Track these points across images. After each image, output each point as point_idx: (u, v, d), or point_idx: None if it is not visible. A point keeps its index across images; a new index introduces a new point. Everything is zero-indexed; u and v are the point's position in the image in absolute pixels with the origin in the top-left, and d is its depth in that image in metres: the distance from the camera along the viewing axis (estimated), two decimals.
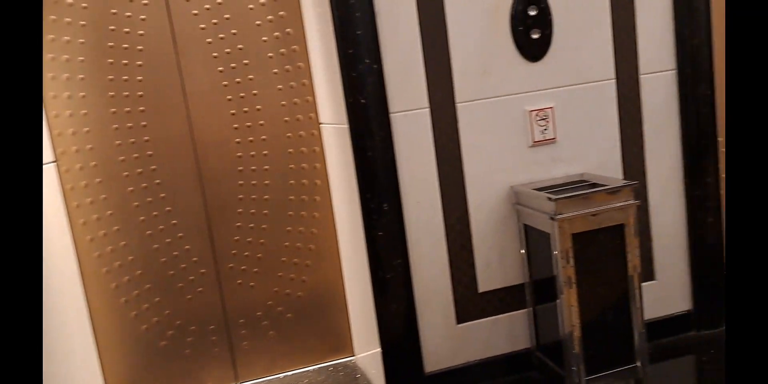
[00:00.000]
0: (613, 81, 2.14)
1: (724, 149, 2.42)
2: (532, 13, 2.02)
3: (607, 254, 1.94)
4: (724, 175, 2.52)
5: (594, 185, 2.03)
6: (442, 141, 2.05)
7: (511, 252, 2.14)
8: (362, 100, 1.94)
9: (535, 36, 2.04)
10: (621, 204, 1.90)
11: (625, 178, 2.19)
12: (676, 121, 2.22)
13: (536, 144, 2.10)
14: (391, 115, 1.98)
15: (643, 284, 2.17)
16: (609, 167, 2.18)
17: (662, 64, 2.17)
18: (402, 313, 2.06)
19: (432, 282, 2.10)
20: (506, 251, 2.14)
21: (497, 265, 2.14)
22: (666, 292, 2.32)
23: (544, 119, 2.10)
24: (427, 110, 2.02)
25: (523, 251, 2.13)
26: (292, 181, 2.38)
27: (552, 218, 1.87)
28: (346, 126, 1.97)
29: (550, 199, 1.86)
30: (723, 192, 2.29)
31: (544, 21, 2.04)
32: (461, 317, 2.16)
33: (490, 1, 2.00)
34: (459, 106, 2.04)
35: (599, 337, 1.96)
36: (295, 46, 2.26)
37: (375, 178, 1.99)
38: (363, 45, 1.91)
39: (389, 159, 1.99)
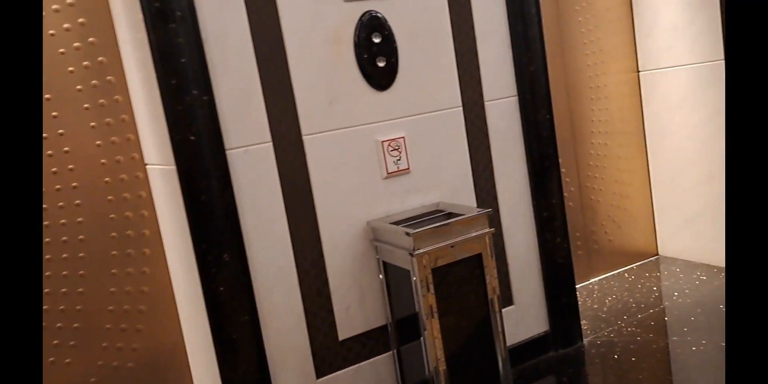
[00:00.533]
0: (460, 108, 2.06)
1: (564, 170, 2.46)
2: (377, 40, 1.87)
3: (467, 284, 1.83)
4: (565, 195, 2.57)
5: (450, 215, 1.91)
6: (290, 178, 1.80)
7: (371, 292, 1.95)
8: (191, 137, 1.64)
9: (381, 64, 1.89)
10: (477, 233, 1.80)
11: (478, 204, 2.11)
12: (520, 145, 2.19)
13: (390, 175, 1.94)
14: (228, 152, 1.70)
15: (504, 310, 2.10)
16: (462, 194, 2.09)
17: (504, 90, 2.14)
18: (252, 375, 1.76)
19: (286, 336, 1.83)
20: (366, 292, 1.94)
21: (357, 307, 1.93)
22: (525, 315, 2.27)
23: (396, 149, 1.94)
24: (270, 145, 1.77)
25: (383, 290, 1.94)
26: (113, 234, 1.97)
27: (411, 254, 1.71)
28: (173, 167, 1.65)
29: (407, 233, 1.70)
30: (565, 211, 2.31)
31: (389, 49, 1.89)
32: (321, 371, 1.91)
33: (331, 28, 1.82)
34: (306, 138, 1.82)
35: (465, 369, 1.83)
36: (110, 77, 1.89)
37: (212, 226, 1.69)
38: (189, 75, 1.62)
39: (228, 202, 1.70)
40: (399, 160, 1.94)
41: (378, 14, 1.87)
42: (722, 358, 2.14)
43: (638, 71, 2.96)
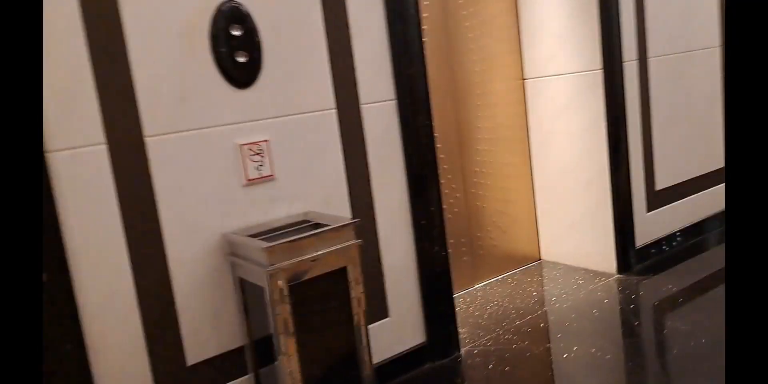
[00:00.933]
0: (334, 111, 1.89)
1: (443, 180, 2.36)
2: (236, 33, 1.65)
3: (331, 300, 1.67)
4: (451, 201, 2.47)
5: (317, 225, 1.74)
6: (128, 186, 1.56)
7: (226, 312, 1.74)
8: None
9: (241, 59, 1.67)
10: (342, 245, 1.64)
11: (353, 214, 1.95)
12: (399, 151, 2.05)
13: (251, 182, 1.74)
14: (49, 155, 1.43)
15: (378, 323, 1.97)
16: (335, 203, 1.92)
17: (382, 94, 1.99)
18: None
19: (121, 366, 1.58)
20: (221, 312, 1.73)
21: (210, 329, 1.72)
22: (400, 327, 2.15)
23: (258, 154, 1.74)
24: (104, 147, 1.51)
25: (240, 309, 1.74)
26: None
27: (265, 269, 1.52)
28: None
29: (262, 247, 1.51)
30: (444, 219, 2.20)
31: (251, 43, 1.68)
32: None
33: (184, 17, 1.58)
34: (149, 140, 1.57)
35: None
36: None
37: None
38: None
39: (48, 215, 1.44)
40: (261, 165, 1.75)
41: (238, 5, 1.65)
42: (594, 364, 2.12)
43: (524, 79, 2.92)
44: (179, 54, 1.57)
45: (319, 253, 1.60)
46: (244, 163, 1.71)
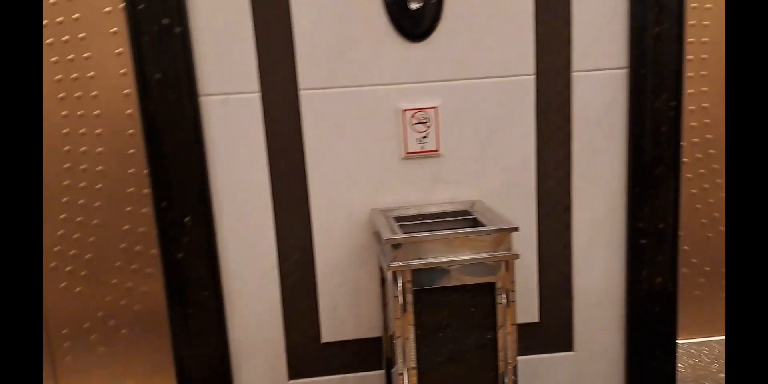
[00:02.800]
0: (532, 77, 1.50)
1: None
2: None
3: (469, 321, 1.35)
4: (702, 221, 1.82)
5: (475, 222, 1.42)
6: (278, 140, 1.49)
7: (367, 296, 1.58)
8: (156, 75, 1.40)
9: (415, 5, 1.42)
10: (490, 255, 1.29)
11: (540, 214, 1.56)
12: (621, 139, 1.55)
13: (411, 155, 1.51)
14: (202, 99, 1.44)
15: (558, 354, 1.58)
16: (515, 197, 1.55)
17: (607, 59, 1.50)
18: (211, 361, 1.55)
19: (256, 325, 1.57)
20: (361, 293, 1.58)
21: (348, 309, 1.58)
22: (588, 368, 1.69)
23: (423, 122, 1.49)
24: (257, 95, 1.46)
25: (380, 297, 1.56)
26: (131, 170, 1.88)
27: (387, 265, 1.29)
28: (131, 110, 1.44)
29: (385, 238, 1.28)
30: (678, 241, 1.61)
31: None
32: (296, 372, 1.62)
33: None
34: (303, 93, 1.46)
35: None
36: None
37: (172, 182, 1.46)
38: None
39: (196, 158, 1.46)
40: (426, 137, 1.49)
41: None
42: None
43: None
44: (345, 1, 1.39)
45: (458, 258, 1.29)
46: (405, 133, 1.48)
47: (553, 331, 1.64)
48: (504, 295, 1.30)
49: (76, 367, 2.01)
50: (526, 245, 1.55)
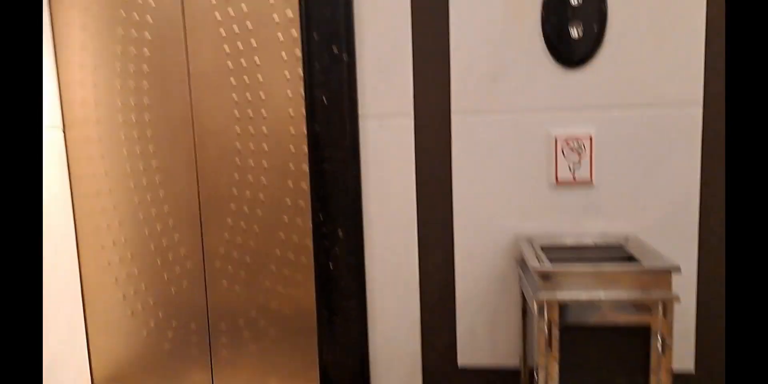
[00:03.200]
0: (699, 106, 1.41)
1: None
2: (575, 2, 1.39)
3: (617, 368, 1.28)
4: None
5: (630, 259, 1.36)
6: (427, 161, 1.54)
7: (506, 322, 1.57)
8: (323, 98, 1.53)
9: (575, 33, 1.41)
10: (647, 296, 1.23)
11: (700, 254, 1.46)
12: None
13: (562, 184, 1.49)
14: (361, 120, 1.54)
15: None
16: (676, 234, 1.47)
17: None
18: (352, 369, 1.63)
19: (395, 339, 1.63)
20: (500, 319, 1.58)
21: (486, 335, 1.59)
22: None
23: (576, 151, 1.46)
24: (410, 119, 1.53)
25: (520, 325, 1.54)
26: (290, 183, 2.05)
27: (535, 296, 1.28)
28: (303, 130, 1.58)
29: (535, 268, 1.27)
30: None
31: (594, 12, 1.39)
32: None
33: None
34: (455, 117, 1.51)
35: None
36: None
37: (330, 197, 1.57)
38: (331, 26, 1.49)
39: (351, 175, 1.56)
40: (578, 165, 1.46)
41: None
42: None
43: None
44: (502, 25, 1.42)
45: (611, 295, 1.25)
46: (556, 159, 1.46)
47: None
48: (659, 340, 1.22)
49: (229, 360, 2.21)
50: (683, 286, 1.45)
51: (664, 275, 1.20)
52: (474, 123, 1.47)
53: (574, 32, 1.38)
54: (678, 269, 1.19)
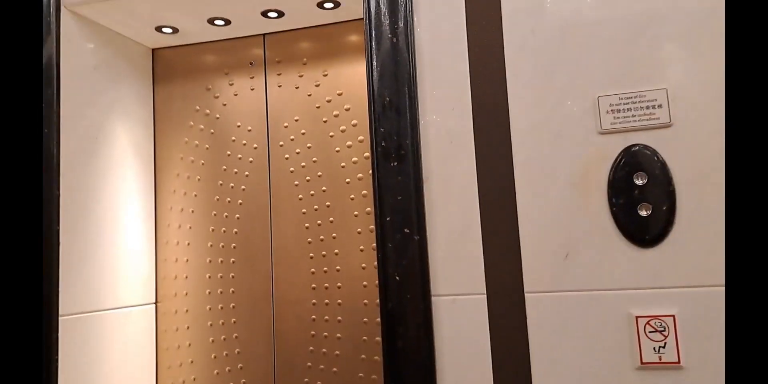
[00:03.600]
0: None
1: None
2: (640, 182, 1.45)
3: None
4: None
5: None
6: (503, 341, 1.52)
7: None
8: (396, 277, 1.59)
9: (644, 213, 1.44)
10: None
11: None
12: None
13: (647, 366, 1.41)
14: (434, 299, 1.57)
15: None
16: None
17: None
18: None
19: None
20: None
21: None
22: None
23: (660, 331, 1.41)
24: (483, 297, 1.54)
25: None
26: (363, 356, 2.04)
27: None
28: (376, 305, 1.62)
29: None
30: None
31: (661, 193, 1.44)
32: None
33: (578, 166, 1.51)
34: (529, 296, 1.51)
35: None
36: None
37: (403, 374, 1.55)
38: (403, 211, 1.60)
39: (425, 355, 1.55)
40: (664, 347, 1.40)
41: (646, 148, 1.45)
42: None
43: None
44: (569, 205, 1.48)
45: None
46: (640, 341, 1.41)
47: None
48: None
49: None
50: None
51: None
52: (549, 302, 1.46)
53: (644, 212, 1.41)
54: None
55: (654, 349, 1.40)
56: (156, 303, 2.23)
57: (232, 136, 2.26)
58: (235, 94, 2.27)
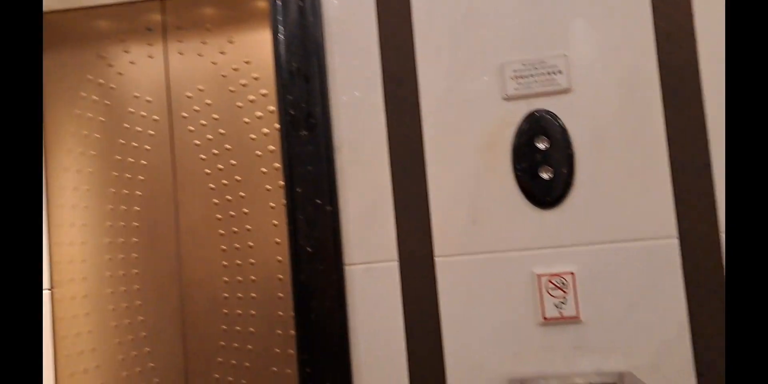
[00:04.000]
0: (675, 240, 1.48)
1: None
2: (542, 146, 1.53)
3: None
4: None
5: None
6: (415, 306, 1.57)
7: None
8: (308, 248, 1.59)
9: (545, 176, 1.53)
10: None
11: None
12: None
13: (549, 322, 1.50)
14: (346, 268, 1.59)
15: None
16: (671, 368, 1.46)
17: None
18: None
19: None
20: None
21: None
22: None
23: (560, 288, 1.50)
24: (396, 264, 1.58)
25: None
26: (279, 331, 2.04)
27: None
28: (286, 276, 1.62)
29: None
30: None
31: (561, 156, 1.52)
32: None
33: (484, 132, 1.57)
34: (439, 261, 1.57)
35: None
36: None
37: (317, 349, 1.57)
38: (314, 182, 1.60)
39: (339, 326, 1.57)
40: (564, 303, 1.49)
41: (547, 113, 1.53)
42: None
43: None
44: (477, 170, 1.54)
45: None
46: (542, 298, 1.50)
47: None
48: None
49: None
50: None
51: None
52: (458, 265, 1.52)
53: (545, 174, 1.50)
54: None
55: (555, 305, 1.50)
56: (51, 289, 2.12)
57: (129, 107, 2.16)
58: (132, 63, 2.17)
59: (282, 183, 2.04)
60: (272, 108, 2.06)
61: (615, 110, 1.51)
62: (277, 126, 2.05)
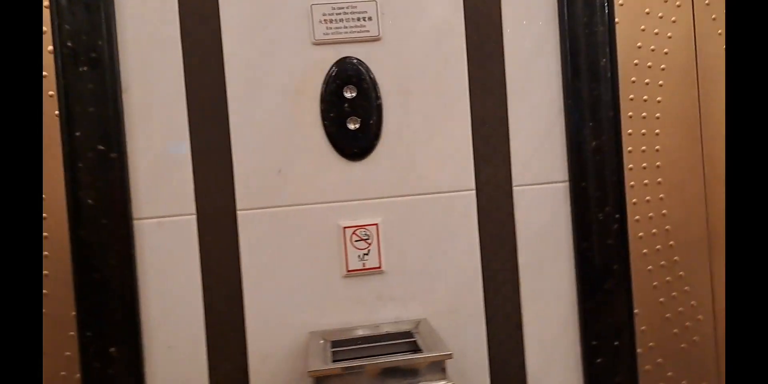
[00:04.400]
0: (472, 192, 1.56)
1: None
2: (349, 95, 1.50)
3: None
4: (642, 329, 1.80)
5: (413, 346, 1.41)
6: (214, 262, 1.49)
7: None
8: (89, 201, 1.44)
9: (352, 126, 1.51)
10: None
11: (489, 333, 1.55)
12: (567, 253, 1.59)
13: (352, 273, 1.52)
14: (135, 223, 1.46)
15: None
16: (463, 314, 1.55)
17: (547, 173, 1.58)
18: None
19: None
20: None
21: None
22: None
23: (364, 240, 1.52)
24: (193, 218, 1.49)
25: None
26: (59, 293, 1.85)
27: None
28: (65, 234, 1.46)
29: (308, 371, 1.25)
30: (636, 360, 1.60)
31: (369, 107, 1.51)
32: None
33: (292, 78, 1.50)
34: (241, 214, 1.50)
35: None
36: None
37: (102, 311, 1.44)
38: (96, 125, 1.43)
39: (126, 285, 1.45)
40: (367, 254, 1.51)
41: (356, 61, 1.50)
42: None
43: None
44: (284, 118, 1.48)
45: None
46: (347, 250, 1.50)
47: None
48: None
49: None
50: (477, 369, 1.53)
51: (435, 366, 1.26)
52: (261, 218, 1.47)
53: (353, 125, 1.48)
54: (449, 356, 1.26)
55: (359, 256, 1.52)
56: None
57: None
58: None
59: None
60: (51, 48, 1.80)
61: (422, 61, 1.53)
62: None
